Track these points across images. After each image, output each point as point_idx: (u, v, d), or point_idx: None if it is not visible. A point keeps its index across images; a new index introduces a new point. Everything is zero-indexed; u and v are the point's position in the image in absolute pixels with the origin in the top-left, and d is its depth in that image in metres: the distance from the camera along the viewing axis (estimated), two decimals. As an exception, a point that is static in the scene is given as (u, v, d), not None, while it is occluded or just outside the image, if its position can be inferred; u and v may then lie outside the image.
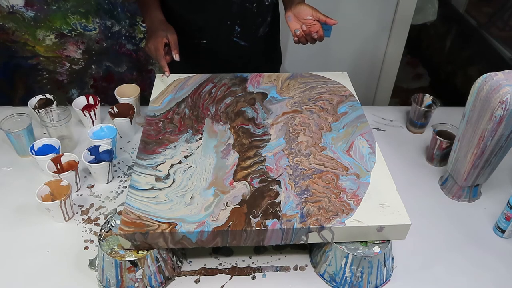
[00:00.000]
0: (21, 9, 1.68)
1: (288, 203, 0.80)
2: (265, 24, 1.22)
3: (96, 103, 1.17)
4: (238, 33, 1.20)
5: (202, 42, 1.21)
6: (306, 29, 1.04)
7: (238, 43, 1.22)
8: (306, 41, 1.07)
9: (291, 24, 1.06)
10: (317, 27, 1.04)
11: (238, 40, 1.21)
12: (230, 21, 1.17)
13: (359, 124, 0.99)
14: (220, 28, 1.18)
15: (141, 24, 1.79)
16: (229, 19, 1.17)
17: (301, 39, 1.06)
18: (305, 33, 1.05)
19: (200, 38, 1.21)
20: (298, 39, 1.06)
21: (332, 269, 0.81)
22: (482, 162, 0.93)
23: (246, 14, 1.17)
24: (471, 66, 2.28)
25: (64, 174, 0.94)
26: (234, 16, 1.16)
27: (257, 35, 1.23)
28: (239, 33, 1.20)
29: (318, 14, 1.04)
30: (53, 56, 1.82)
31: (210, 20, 1.17)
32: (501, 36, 2.09)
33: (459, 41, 2.42)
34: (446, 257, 0.89)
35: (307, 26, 1.04)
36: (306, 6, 1.04)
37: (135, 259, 0.75)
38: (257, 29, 1.22)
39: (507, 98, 0.82)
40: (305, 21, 1.04)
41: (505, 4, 2.12)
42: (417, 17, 2.13)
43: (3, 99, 1.90)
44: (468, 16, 2.34)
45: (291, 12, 1.06)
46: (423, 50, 2.75)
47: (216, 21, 1.17)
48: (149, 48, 1.08)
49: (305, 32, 1.05)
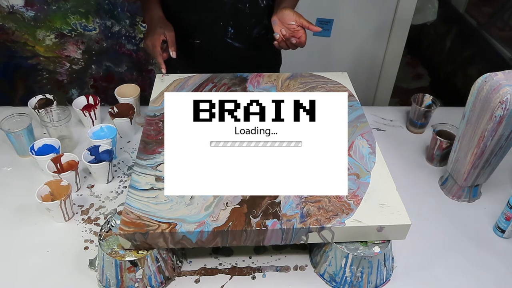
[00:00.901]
0: (21, 9, 1.68)
1: (288, 203, 0.80)
2: (260, 26, 1.22)
3: (96, 103, 1.17)
4: (232, 34, 1.19)
5: (195, 42, 1.21)
6: (285, 33, 1.05)
7: (232, 44, 1.21)
8: (287, 46, 1.08)
9: (275, 28, 1.07)
10: (300, 33, 1.04)
11: (232, 41, 1.21)
12: (223, 21, 1.17)
13: (359, 124, 0.99)
14: (213, 29, 1.18)
15: (141, 24, 1.79)
16: (221, 20, 1.17)
17: (281, 43, 1.07)
18: (284, 38, 1.05)
19: (194, 38, 1.21)
20: (278, 43, 1.08)
21: (332, 269, 0.81)
22: (482, 162, 0.93)
23: (239, 14, 1.16)
24: (471, 66, 2.28)
25: (64, 174, 0.94)
26: (227, 16, 1.16)
27: (252, 36, 1.22)
28: (233, 34, 1.19)
29: (302, 20, 1.03)
30: (53, 56, 1.82)
31: (203, 19, 1.17)
32: (501, 36, 2.09)
33: (459, 41, 2.43)
34: (446, 257, 0.89)
35: (290, 31, 1.04)
36: (290, 11, 1.05)
37: (135, 259, 0.75)
38: (251, 30, 1.21)
39: (507, 98, 0.82)
40: (289, 26, 1.04)
41: (505, 4, 2.12)
42: (417, 17, 2.13)
43: (3, 99, 1.90)
44: (468, 16, 2.34)
45: (276, 17, 1.07)
46: (423, 50, 2.75)
47: (209, 20, 1.17)
48: (147, 45, 1.10)
49: (285, 37, 1.05)
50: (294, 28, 1.04)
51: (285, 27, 1.05)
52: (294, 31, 1.04)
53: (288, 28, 1.04)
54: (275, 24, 1.06)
